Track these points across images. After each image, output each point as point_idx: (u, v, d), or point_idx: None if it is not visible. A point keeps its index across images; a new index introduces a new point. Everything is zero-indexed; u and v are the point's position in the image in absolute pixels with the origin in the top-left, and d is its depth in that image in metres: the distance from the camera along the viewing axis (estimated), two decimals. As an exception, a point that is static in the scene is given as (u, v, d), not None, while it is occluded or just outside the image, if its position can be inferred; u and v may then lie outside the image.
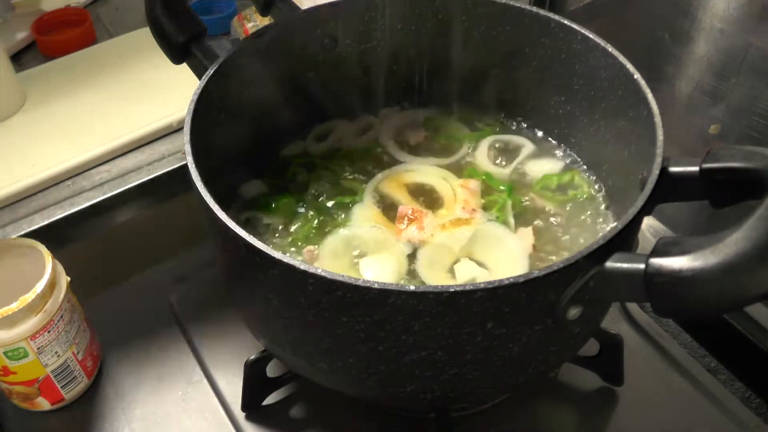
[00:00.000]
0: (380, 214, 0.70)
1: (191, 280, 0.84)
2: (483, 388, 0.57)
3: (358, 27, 0.74)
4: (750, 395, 0.75)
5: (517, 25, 0.71)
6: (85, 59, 1.09)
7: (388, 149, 0.77)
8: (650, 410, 0.71)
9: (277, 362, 0.71)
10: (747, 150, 0.50)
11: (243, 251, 0.51)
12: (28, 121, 0.98)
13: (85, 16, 1.16)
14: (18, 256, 0.69)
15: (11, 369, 0.67)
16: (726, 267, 0.41)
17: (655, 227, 0.90)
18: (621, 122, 0.64)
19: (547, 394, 0.72)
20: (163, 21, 0.68)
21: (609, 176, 0.70)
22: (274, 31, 0.69)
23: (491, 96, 0.78)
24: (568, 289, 0.48)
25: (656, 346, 0.77)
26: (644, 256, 0.44)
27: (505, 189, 0.72)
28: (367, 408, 0.71)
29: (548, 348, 0.55)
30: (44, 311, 0.65)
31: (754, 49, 0.75)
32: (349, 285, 0.47)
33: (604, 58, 0.64)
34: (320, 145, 0.78)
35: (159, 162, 0.94)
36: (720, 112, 0.81)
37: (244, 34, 1.07)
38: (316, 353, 0.56)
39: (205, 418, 0.71)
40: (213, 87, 0.63)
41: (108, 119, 0.97)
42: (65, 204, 0.89)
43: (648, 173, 0.53)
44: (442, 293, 0.46)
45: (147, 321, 0.80)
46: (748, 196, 0.49)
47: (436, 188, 0.73)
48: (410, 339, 0.50)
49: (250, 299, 0.58)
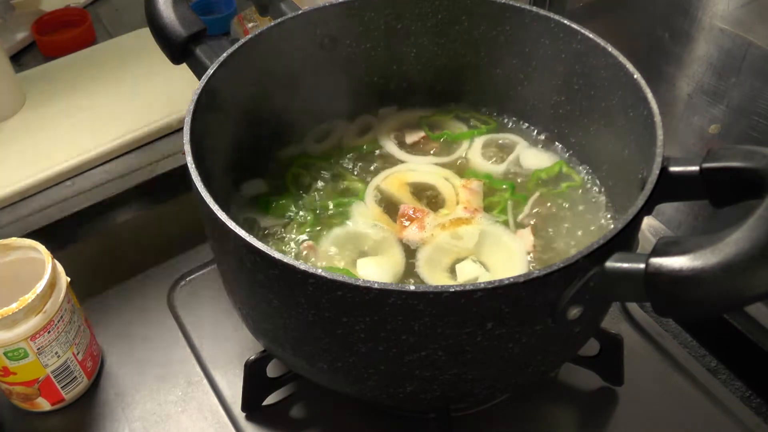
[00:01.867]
0: (381, 213, 0.70)
1: (191, 280, 0.84)
2: (483, 388, 0.57)
3: (358, 27, 0.74)
4: (750, 395, 0.75)
5: (517, 25, 0.71)
6: (85, 59, 1.09)
7: (387, 148, 0.78)
8: (650, 410, 0.71)
9: (277, 362, 0.71)
10: (747, 150, 0.50)
11: (243, 251, 0.51)
12: (28, 121, 0.98)
13: (85, 16, 1.17)
14: (18, 257, 0.69)
15: (11, 369, 0.67)
16: (726, 267, 0.41)
17: (655, 227, 0.90)
18: (621, 122, 0.64)
19: (547, 394, 0.72)
20: (163, 21, 0.68)
21: (609, 176, 0.70)
22: (273, 32, 0.69)
23: (491, 96, 0.78)
24: (568, 289, 0.48)
25: (656, 346, 0.77)
26: (644, 256, 0.44)
27: (507, 189, 0.72)
28: (367, 408, 0.71)
29: (548, 348, 0.55)
30: (44, 312, 0.65)
31: (754, 49, 0.75)
32: (349, 285, 0.47)
33: (604, 58, 0.64)
34: (320, 145, 0.78)
35: (159, 162, 0.94)
36: (720, 112, 0.81)
37: (244, 34, 1.07)
38: (316, 353, 0.55)
39: (205, 418, 0.71)
40: (213, 87, 0.63)
41: (108, 119, 0.97)
42: (65, 204, 0.89)
43: (648, 173, 0.53)
44: (442, 293, 0.46)
45: (147, 321, 0.80)
46: (748, 196, 0.49)
47: (437, 188, 0.73)
48: (410, 339, 0.50)
49: (250, 299, 0.58)
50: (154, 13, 0.69)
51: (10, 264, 0.69)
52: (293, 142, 0.78)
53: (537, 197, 0.72)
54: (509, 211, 0.70)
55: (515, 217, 0.70)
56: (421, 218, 0.68)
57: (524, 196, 0.71)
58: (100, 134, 0.95)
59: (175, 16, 0.68)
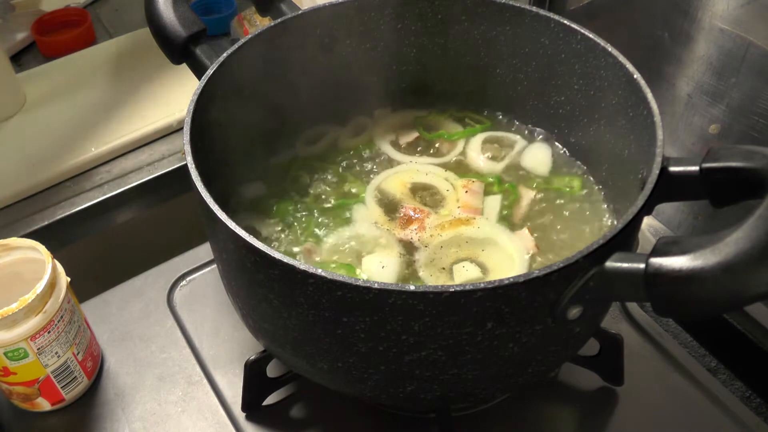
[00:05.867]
0: (381, 213, 0.70)
1: (191, 280, 0.84)
2: (483, 388, 0.57)
3: (358, 27, 0.74)
4: (750, 395, 0.75)
5: (516, 25, 0.71)
6: (85, 59, 1.09)
7: (383, 149, 0.78)
8: (650, 410, 0.71)
9: (277, 362, 0.71)
10: (747, 149, 0.50)
11: (243, 251, 0.51)
12: (28, 121, 0.98)
13: (85, 16, 1.17)
14: (18, 257, 0.69)
15: (11, 369, 0.67)
16: (726, 267, 0.41)
17: (655, 227, 0.90)
18: (621, 122, 0.64)
19: (547, 394, 0.72)
20: (163, 21, 0.68)
21: (609, 176, 0.70)
22: (273, 32, 0.69)
23: (491, 95, 0.78)
24: (568, 289, 0.48)
25: (656, 346, 0.77)
26: (644, 256, 0.44)
27: (507, 189, 0.72)
28: (367, 408, 0.71)
29: (548, 348, 0.55)
30: (44, 312, 0.65)
31: (754, 49, 0.75)
32: (349, 285, 0.47)
33: (604, 58, 0.64)
34: (315, 146, 0.78)
35: (159, 162, 0.94)
36: (720, 112, 0.81)
37: (244, 34, 1.07)
38: (316, 353, 0.56)
39: (205, 418, 0.71)
40: (212, 87, 0.63)
41: (108, 119, 0.97)
42: (65, 204, 0.89)
43: (648, 173, 0.53)
44: (442, 293, 0.46)
45: (147, 321, 0.80)
46: (748, 196, 0.49)
47: (438, 188, 0.73)
48: (410, 339, 0.50)
49: (250, 299, 0.58)
50: (154, 13, 0.69)
51: (10, 264, 0.69)
52: (290, 144, 0.78)
53: (537, 197, 0.72)
54: (509, 211, 0.70)
55: (515, 217, 0.70)
56: (422, 219, 0.68)
57: (520, 200, 0.71)
58: (99, 134, 0.95)
59: (175, 16, 0.68)
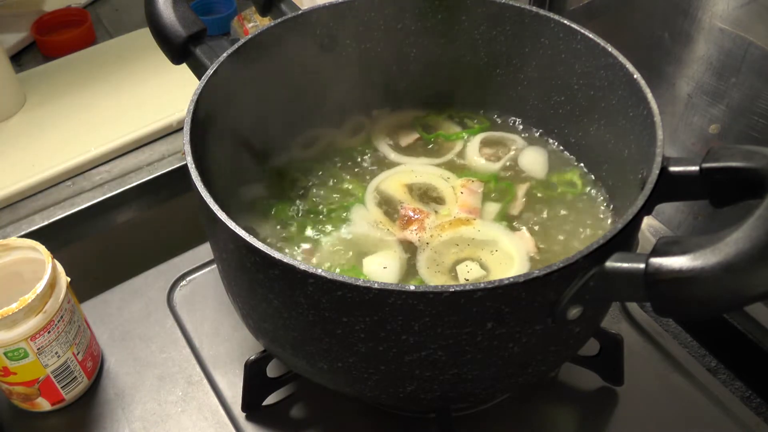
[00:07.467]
0: (381, 214, 0.70)
1: (191, 280, 0.84)
2: (483, 388, 0.57)
3: (358, 27, 0.74)
4: (750, 395, 0.75)
5: (517, 25, 0.71)
6: (85, 59, 1.09)
7: (382, 150, 0.77)
8: (650, 410, 0.71)
9: (277, 362, 0.71)
10: (747, 149, 0.50)
11: (243, 251, 0.51)
12: (28, 121, 0.98)
13: (85, 16, 1.17)
14: (18, 257, 0.69)
15: (11, 369, 0.67)
16: (726, 267, 0.41)
17: (655, 227, 0.91)
18: (621, 122, 0.64)
19: (547, 394, 0.72)
20: (163, 21, 0.68)
21: (609, 176, 0.70)
22: (273, 32, 0.69)
23: (491, 95, 0.78)
24: (568, 289, 0.48)
25: (656, 346, 0.77)
26: (644, 256, 0.44)
27: (506, 189, 0.72)
28: (367, 408, 0.71)
29: (548, 348, 0.55)
30: (44, 312, 0.65)
31: (754, 49, 0.75)
32: (349, 285, 0.47)
33: (604, 58, 0.64)
34: (316, 146, 0.78)
35: (159, 162, 0.94)
36: (720, 112, 0.81)
37: (244, 34, 1.07)
38: (316, 353, 0.56)
39: (205, 418, 0.71)
40: (213, 87, 0.63)
41: (108, 119, 0.97)
42: (65, 204, 0.89)
43: (648, 173, 0.53)
44: (442, 293, 0.46)
45: (147, 321, 0.80)
46: (748, 196, 0.49)
47: (437, 188, 0.73)
48: (410, 339, 0.50)
49: (250, 299, 0.58)
50: (154, 13, 0.69)
51: (10, 264, 0.69)
52: (289, 144, 0.77)
53: (536, 197, 0.72)
54: (509, 211, 0.70)
55: (515, 217, 0.70)
56: (422, 219, 0.68)
57: (520, 200, 0.71)
58: (100, 134, 0.95)
59: (175, 16, 0.68)
